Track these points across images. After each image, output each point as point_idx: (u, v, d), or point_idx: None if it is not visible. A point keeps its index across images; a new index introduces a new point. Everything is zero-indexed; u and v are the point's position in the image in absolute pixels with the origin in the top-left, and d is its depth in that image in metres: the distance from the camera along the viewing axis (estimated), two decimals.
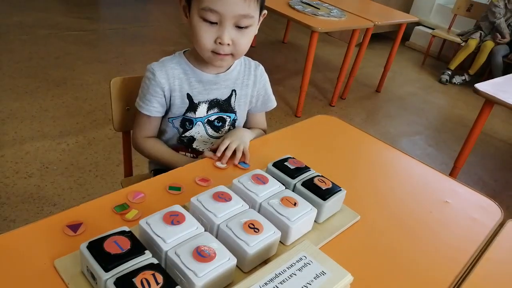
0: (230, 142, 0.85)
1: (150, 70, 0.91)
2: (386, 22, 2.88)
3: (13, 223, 1.44)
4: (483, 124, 1.78)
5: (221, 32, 0.82)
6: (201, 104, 0.95)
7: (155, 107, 0.93)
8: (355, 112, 2.86)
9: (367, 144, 1.05)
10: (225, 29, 0.81)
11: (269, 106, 1.06)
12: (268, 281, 0.52)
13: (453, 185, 0.93)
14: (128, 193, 0.71)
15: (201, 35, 0.83)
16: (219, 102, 0.97)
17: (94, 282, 0.53)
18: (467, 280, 0.67)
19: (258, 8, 0.84)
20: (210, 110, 0.97)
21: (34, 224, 0.62)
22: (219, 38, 0.82)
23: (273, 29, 4.16)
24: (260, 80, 1.02)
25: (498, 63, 3.50)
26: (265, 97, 1.04)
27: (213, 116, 0.98)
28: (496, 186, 2.33)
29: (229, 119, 1.00)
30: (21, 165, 1.72)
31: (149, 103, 0.92)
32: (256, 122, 1.06)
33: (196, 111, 0.96)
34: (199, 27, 0.82)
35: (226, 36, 0.82)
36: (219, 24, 0.81)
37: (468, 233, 0.79)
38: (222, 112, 0.98)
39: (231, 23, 0.81)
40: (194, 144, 1.00)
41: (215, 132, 1.00)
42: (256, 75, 1.01)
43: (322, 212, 0.70)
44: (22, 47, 2.75)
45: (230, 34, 0.82)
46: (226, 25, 0.81)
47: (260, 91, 1.03)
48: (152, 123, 0.97)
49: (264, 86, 1.03)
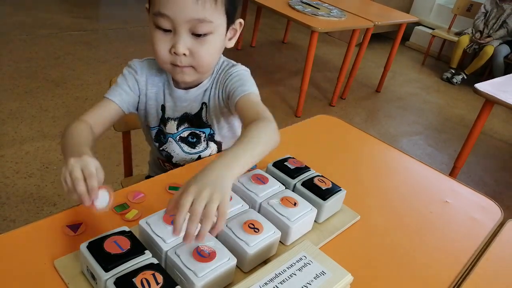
0: (194, 199, 0.52)
1: (132, 67, 0.84)
2: (386, 22, 2.88)
3: (13, 223, 1.44)
4: (483, 124, 1.78)
5: (175, 40, 0.72)
6: (170, 121, 0.88)
7: (119, 93, 0.81)
8: (355, 112, 2.86)
9: (367, 144, 1.05)
10: (179, 37, 0.72)
11: (244, 90, 0.80)
12: (268, 281, 0.52)
13: (453, 185, 0.93)
14: (128, 193, 0.71)
15: (156, 44, 0.74)
16: (188, 116, 0.88)
17: (94, 282, 0.53)
18: (467, 280, 0.67)
19: (222, 13, 0.74)
20: (180, 126, 0.89)
21: (34, 224, 0.62)
22: (173, 47, 0.73)
23: (273, 29, 4.16)
24: (229, 77, 0.83)
25: (499, 63, 3.49)
26: (239, 83, 0.82)
27: (186, 132, 0.90)
28: (496, 186, 2.33)
29: (204, 135, 0.90)
30: (21, 165, 1.71)
31: (115, 90, 0.82)
32: (247, 111, 0.76)
33: (166, 126, 0.89)
34: (154, 35, 0.74)
35: (180, 44, 0.72)
36: (173, 31, 0.72)
37: (468, 233, 0.79)
38: (194, 128, 0.89)
39: (186, 30, 0.72)
40: (173, 159, 0.94)
41: (191, 148, 0.92)
42: (226, 76, 0.84)
43: (322, 212, 0.70)
44: (22, 47, 2.75)
45: (185, 42, 0.72)
46: (181, 32, 0.71)
47: (233, 85, 0.82)
48: (105, 108, 0.80)
49: (235, 78, 0.83)
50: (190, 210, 0.51)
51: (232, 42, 0.82)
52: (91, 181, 0.55)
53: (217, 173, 0.55)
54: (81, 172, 0.56)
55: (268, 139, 0.66)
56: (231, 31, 0.81)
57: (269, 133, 0.68)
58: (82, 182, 0.55)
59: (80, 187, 0.54)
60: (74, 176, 0.55)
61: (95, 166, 0.58)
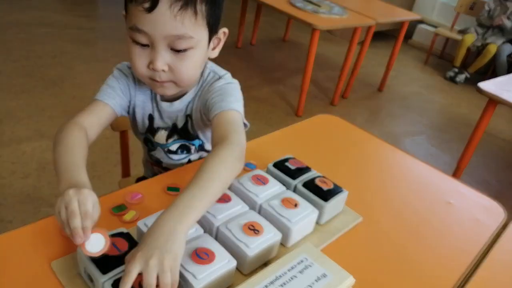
0: (143, 269, 0.48)
1: (122, 70, 0.81)
2: (388, 20, 2.86)
3: (10, 224, 1.44)
4: (487, 123, 1.77)
5: (153, 56, 0.68)
6: (160, 130, 0.85)
7: (112, 96, 0.77)
8: (357, 111, 2.85)
9: (369, 144, 1.04)
10: (157, 53, 0.68)
11: (222, 107, 0.74)
12: (269, 284, 0.51)
13: (456, 185, 0.92)
14: (126, 194, 0.70)
15: (133, 59, 0.70)
16: (176, 128, 0.85)
17: (91, 284, 0.52)
18: (471, 281, 0.66)
19: (203, 26, 0.69)
20: (170, 138, 0.86)
21: (31, 225, 0.62)
22: (151, 63, 0.69)
23: (274, 27, 4.15)
24: (211, 91, 0.78)
25: (502, 62, 3.48)
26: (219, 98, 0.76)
27: (175, 145, 0.87)
28: (499, 186, 2.32)
29: (193, 147, 0.88)
30: (18, 165, 1.71)
31: (108, 93, 0.78)
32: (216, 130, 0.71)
33: (154, 136, 0.86)
34: (131, 50, 0.70)
35: (158, 61, 0.68)
36: (151, 46, 0.68)
37: (471, 234, 0.78)
38: (183, 140, 0.87)
39: (164, 45, 0.68)
40: (163, 164, 0.92)
41: (181, 156, 0.90)
42: (210, 90, 0.79)
43: (324, 213, 0.70)
44: (19, 45, 2.74)
45: (164, 58, 0.68)
46: (159, 48, 0.67)
47: (213, 99, 0.76)
48: (100, 112, 0.75)
49: (216, 93, 0.77)
50: (144, 284, 0.47)
51: (216, 51, 0.78)
52: (85, 221, 0.51)
53: (168, 230, 0.51)
54: (77, 206, 0.52)
55: (227, 172, 0.61)
56: (215, 40, 0.77)
57: (229, 164, 0.62)
58: (78, 217, 0.51)
59: (75, 222, 0.51)
60: (70, 210, 0.51)
61: (93, 202, 0.54)
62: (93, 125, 0.73)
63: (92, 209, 0.53)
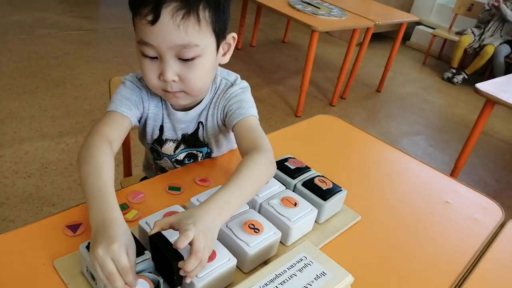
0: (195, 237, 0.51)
1: (134, 82, 0.79)
2: (386, 22, 2.87)
3: (12, 223, 1.44)
4: (484, 124, 1.77)
5: (162, 68, 0.69)
6: (168, 142, 0.86)
7: (129, 108, 0.76)
8: (355, 112, 2.86)
9: (368, 144, 1.05)
10: (166, 64, 0.68)
11: (242, 114, 0.77)
12: (269, 282, 0.51)
13: (454, 185, 0.93)
14: (127, 193, 0.71)
15: (144, 72, 0.72)
16: (185, 137, 0.85)
17: (94, 283, 0.53)
18: (468, 280, 0.66)
19: (209, 33, 0.69)
20: (177, 149, 0.87)
21: (33, 224, 0.62)
22: (161, 75, 0.70)
23: (273, 29, 4.16)
24: (228, 98, 0.81)
25: (500, 63, 3.49)
26: (237, 104, 0.79)
27: (182, 155, 0.88)
28: (497, 186, 2.33)
29: (201, 154, 0.88)
30: (20, 165, 1.71)
31: (125, 104, 0.76)
32: (243, 137, 0.75)
33: (162, 147, 0.87)
34: (142, 63, 0.71)
35: (168, 72, 0.68)
36: (159, 58, 0.69)
37: (469, 233, 0.78)
38: (190, 148, 0.87)
39: (172, 56, 0.68)
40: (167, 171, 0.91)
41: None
42: (226, 97, 0.81)
43: (323, 212, 0.70)
44: (21, 46, 2.75)
45: (173, 68, 0.69)
46: (167, 59, 0.68)
47: (231, 106, 0.80)
48: (121, 124, 0.74)
49: (233, 99, 0.80)
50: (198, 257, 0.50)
51: (226, 57, 0.78)
52: (127, 277, 0.49)
53: (212, 219, 0.55)
54: (113, 265, 0.49)
55: (262, 176, 0.66)
56: (224, 46, 0.76)
57: (264, 169, 0.66)
58: (118, 278, 0.48)
59: (118, 284, 0.48)
60: (108, 272, 0.48)
61: (126, 250, 0.50)
62: (116, 138, 0.72)
63: (129, 258, 0.50)
